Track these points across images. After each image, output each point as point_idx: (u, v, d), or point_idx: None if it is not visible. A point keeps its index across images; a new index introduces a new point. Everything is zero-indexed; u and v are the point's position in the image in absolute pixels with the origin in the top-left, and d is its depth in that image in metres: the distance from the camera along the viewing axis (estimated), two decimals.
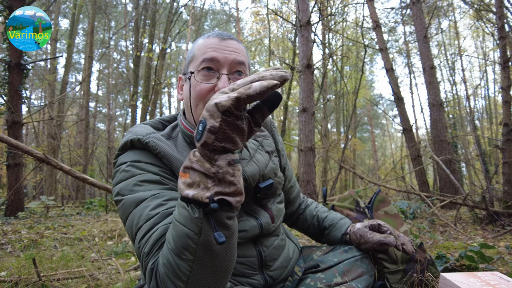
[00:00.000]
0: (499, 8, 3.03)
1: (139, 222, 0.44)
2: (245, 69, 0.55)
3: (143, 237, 0.42)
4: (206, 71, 0.53)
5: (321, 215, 0.77)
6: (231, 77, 0.53)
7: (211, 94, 0.52)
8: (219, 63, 0.52)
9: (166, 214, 0.44)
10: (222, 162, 0.36)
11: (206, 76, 0.53)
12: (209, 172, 0.36)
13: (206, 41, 0.55)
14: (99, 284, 0.98)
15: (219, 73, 0.52)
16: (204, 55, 0.53)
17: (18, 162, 3.05)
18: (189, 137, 0.56)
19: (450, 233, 1.83)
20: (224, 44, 0.54)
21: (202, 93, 0.52)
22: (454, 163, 3.90)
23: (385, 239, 0.62)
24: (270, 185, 0.56)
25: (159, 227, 0.42)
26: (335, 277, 0.58)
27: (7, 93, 3.03)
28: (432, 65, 4.13)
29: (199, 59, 0.53)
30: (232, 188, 0.36)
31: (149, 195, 0.46)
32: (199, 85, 0.53)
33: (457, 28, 9.83)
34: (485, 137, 8.26)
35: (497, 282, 0.62)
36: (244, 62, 0.54)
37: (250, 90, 0.33)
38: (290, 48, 7.79)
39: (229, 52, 0.53)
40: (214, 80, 0.52)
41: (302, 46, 2.91)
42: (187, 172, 0.37)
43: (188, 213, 0.36)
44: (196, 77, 0.53)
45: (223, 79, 0.52)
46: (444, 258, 1.01)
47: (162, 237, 0.41)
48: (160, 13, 7.22)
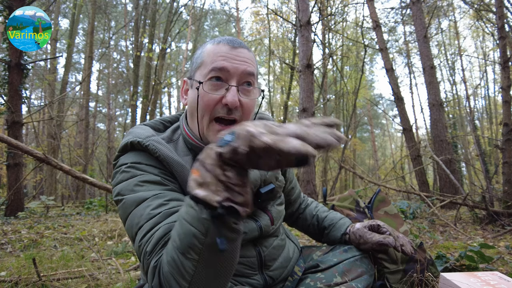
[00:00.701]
0: (499, 8, 3.03)
1: (140, 221, 0.43)
2: (254, 80, 0.54)
3: (144, 236, 0.42)
4: (215, 81, 0.51)
5: (321, 214, 0.77)
6: (240, 88, 0.52)
7: (219, 105, 0.51)
8: (229, 74, 0.51)
9: (168, 213, 0.43)
10: (231, 173, 0.35)
11: (214, 86, 0.51)
12: (218, 178, 0.35)
13: (216, 48, 0.52)
14: (99, 284, 0.98)
15: (228, 85, 0.51)
16: (214, 63, 0.51)
17: (18, 162, 3.05)
18: (190, 144, 0.56)
19: (450, 233, 1.83)
20: (234, 53, 0.52)
21: (210, 104, 0.51)
22: (454, 163, 3.90)
23: (385, 240, 0.62)
24: (271, 190, 0.55)
25: (162, 225, 0.42)
26: (335, 277, 0.57)
27: (7, 93, 3.03)
28: (432, 65, 4.12)
29: (208, 67, 0.51)
30: (240, 199, 0.36)
31: (151, 195, 0.45)
32: (207, 95, 0.51)
33: (457, 28, 9.83)
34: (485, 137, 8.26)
35: (497, 282, 0.62)
36: (254, 73, 0.53)
37: (283, 145, 0.30)
38: (290, 48, 7.78)
39: (239, 62, 0.51)
40: (222, 91, 0.51)
41: (302, 46, 2.91)
42: (199, 169, 0.37)
43: (196, 212, 0.36)
44: (204, 87, 0.51)
45: (232, 92, 0.50)
46: (444, 258, 1.01)
47: (165, 236, 0.41)
48: (160, 13, 7.22)
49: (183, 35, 10.76)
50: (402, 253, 0.63)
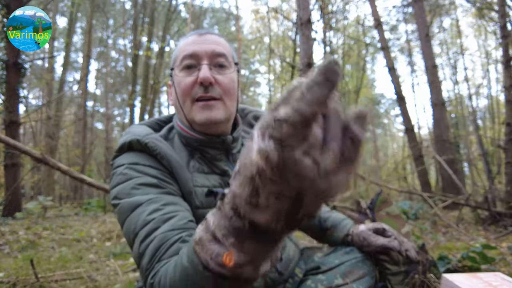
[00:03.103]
0: (501, 6, 3.01)
1: (136, 228, 0.43)
2: (227, 62, 0.54)
3: (140, 244, 0.41)
4: (187, 64, 0.52)
5: (323, 215, 0.76)
6: (213, 68, 0.52)
7: (196, 87, 0.52)
8: (199, 57, 0.52)
9: (162, 220, 0.42)
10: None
11: (187, 71, 0.53)
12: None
13: (185, 41, 0.55)
14: (97, 285, 0.97)
15: (199, 64, 0.52)
16: (184, 52, 0.53)
17: (15, 162, 3.04)
18: (184, 138, 0.55)
19: (452, 233, 1.82)
20: (202, 38, 0.54)
21: (187, 87, 0.52)
22: (457, 163, 3.89)
23: (389, 244, 0.62)
24: None
25: (156, 235, 0.41)
26: (336, 279, 0.57)
27: (5, 92, 3.02)
28: (434, 64, 4.10)
29: (180, 57, 0.54)
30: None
31: (146, 199, 0.45)
32: (183, 80, 0.52)
33: (459, 26, 9.78)
34: (487, 137, 8.22)
35: (499, 283, 0.61)
36: (224, 53, 0.53)
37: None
38: (290, 47, 7.74)
39: (207, 46, 0.53)
40: (195, 72, 0.52)
41: (302, 44, 2.89)
42: (260, 260, 0.27)
43: (211, 283, 0.28)
44: (178, 73, 0.53)
45: (203, 69, 0.51)
46: (446, 259, 1.00)
47: (160, 248, 0.40)
48: (158, 11, 7.19)
49: (182, 34, 10.72)
50: (407, 259, 0.62)
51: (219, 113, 0.52)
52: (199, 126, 0.53)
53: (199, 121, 0.52)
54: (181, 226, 0.42)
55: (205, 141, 0.54)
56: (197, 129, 0.54)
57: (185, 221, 0.43)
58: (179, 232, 0.41)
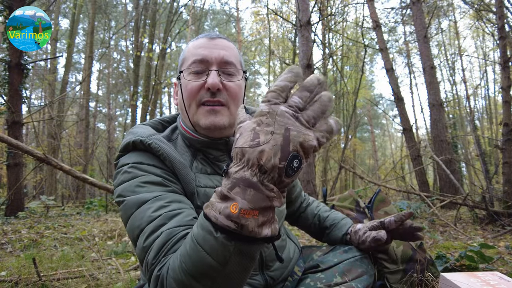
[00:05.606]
0: (499, 8, 3.03)
1: (141, 224, 0.43)
2: (235, 69, 0.54)
3: (146, 240, 0.41)
4: (196, 70, 0.53)
5: (323, 214, 0.77)
6: (222, 76, 0.53)
7: (202, 90, 0.53)
8: (208, 62, 0.53)
9: (168, 216, 0.43)
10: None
11: (196, 74, 0.53)
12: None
13: (195, 43, 0.55)
14: (99, 284, 0.98)
15: (208, 70, 0.53)
16: (194, 56, 0.53)
17: (18, 162, 3.05)
18: (188, 139, 0.56)
19: (450, 233, 1.83)
20: (213, 43, 0.54)
21: (193, 91, 0.53)
22: (454, 163, 3.90)
23: (378, 235, 0.62)
24: None
25: (163, 231, 0.41)
26: (335, 277, 0.57)
27: (7, 93, 3.03)
28: (432, 65, 4.12)
29: (189, 60, 0.54)
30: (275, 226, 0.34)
31: (151, 196, 0.45)
32: (190, 83, 0.53)
33: (457, 28, 9.83)
34: (485, 137, 8.24)
35: (497, 282, 0.62)
36: (233, 61, 0.54)
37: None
38: (290, 48, 7.79)
39: (217, 51, 0.53)
40: (204, 77, 0.53)
41: (302, 46, 2.91)
42: (260, 211, 0.31)
43: (217, 243, 0.32)
44: (186, 76, 0.53)
45: (212, 75, 0.52)
46: (444, 258, 1.01)
47: (167, 242, 0.40)
48: (160, 13, 7.22)
49: (183, 35, 10.76)
50: (389, 227, 0.60)
51: (224, 119, 0.53)
52: (203, 129, 0.54)
53: (204, 125, 0.53)
54: (187, 222, 0.42)
55: (209, 143, 0.55)
56: (200, 132, 0.55)
57: (190, 218, 0.44)
58: (185, 228, 0.41)
